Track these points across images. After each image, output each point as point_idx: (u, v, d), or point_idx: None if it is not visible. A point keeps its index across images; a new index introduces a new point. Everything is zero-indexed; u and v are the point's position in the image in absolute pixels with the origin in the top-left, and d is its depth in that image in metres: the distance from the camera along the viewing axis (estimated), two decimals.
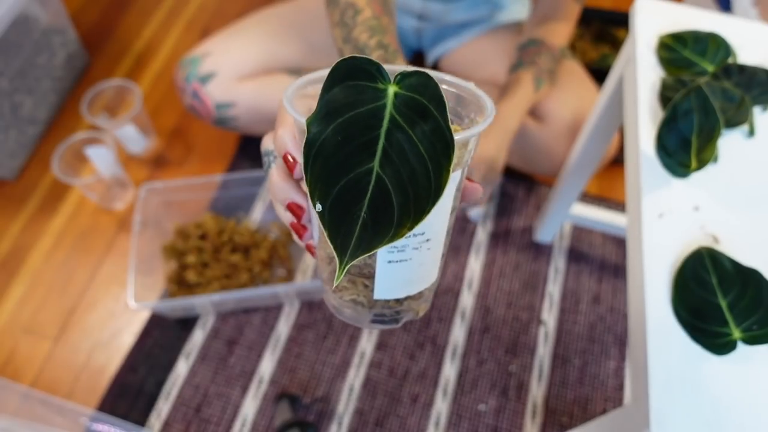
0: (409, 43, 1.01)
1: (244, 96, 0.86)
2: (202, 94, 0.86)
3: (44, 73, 1.04)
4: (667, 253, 0.42)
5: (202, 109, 0.88)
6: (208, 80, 0.85)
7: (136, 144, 1.00)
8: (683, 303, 0.39)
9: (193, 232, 0.89)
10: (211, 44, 0.88)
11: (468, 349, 0.84)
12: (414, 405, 0.80)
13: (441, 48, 0.97)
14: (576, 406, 0.80)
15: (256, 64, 0.87)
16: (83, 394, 0.81)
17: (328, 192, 0.23)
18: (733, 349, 0.38)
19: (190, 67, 0.86)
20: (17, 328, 0.85)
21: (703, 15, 0.55)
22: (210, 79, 0.85)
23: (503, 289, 0.89)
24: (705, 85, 0.45)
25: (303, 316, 0.86)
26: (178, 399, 0.80)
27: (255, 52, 0.87)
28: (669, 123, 0.45)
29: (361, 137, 0.22)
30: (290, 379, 0.81)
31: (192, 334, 0.85)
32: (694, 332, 0.39)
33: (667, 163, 0.45)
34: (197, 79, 0.85)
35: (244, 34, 0.88)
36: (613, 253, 0.93)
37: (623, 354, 0.84)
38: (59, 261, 0.92)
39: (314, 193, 0.23)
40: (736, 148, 0.47)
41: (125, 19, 1.22)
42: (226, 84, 0.85)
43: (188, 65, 0.87)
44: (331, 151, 0.22)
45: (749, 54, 0.52)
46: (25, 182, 1.00)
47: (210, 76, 0.85)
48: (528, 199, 0.98)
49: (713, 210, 0.44)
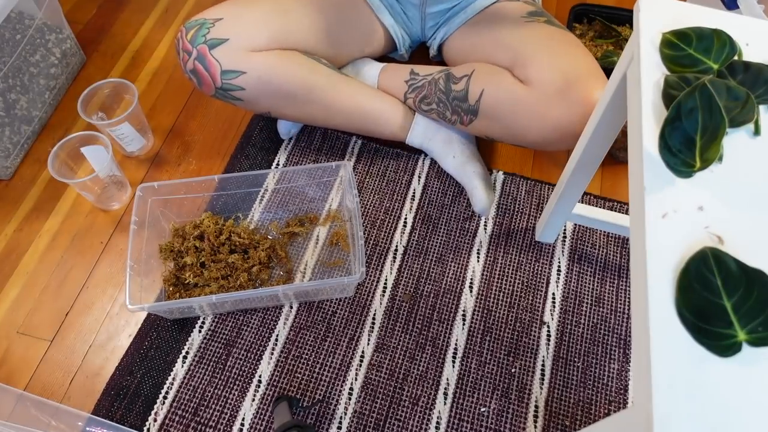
0: (413, 31, 1.01)
1: (256, 66, 0.83)
2: (209, 59, 0.82)
3: (39, 71, 1.03)
4: (671, 253, 0.41)
5: (204, 75, 0.83)
6: (217, 45, 0.81)
7: (133, 143, 0.99)
8: (687, 304, 0.39)
9: (190, 232, 0.88)
10: (222, 10, 0.83)
11: (469, 351, 0.83)
12: (414, 407, 0.79)
13: (443, 30, 0.97)
14: (578, 408, 0.79)
15: (269, 39, 0.84)
16: (79, 396, 0.80)
17: None
18: (738, 350, 0.37)
19: (198, 29, 0.82)
20: (11, 330, 0.84)
21: (708, 12, 0.54)
22: (219, 45, 0.81)
23: (504, 290, 0.88)
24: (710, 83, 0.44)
25: (302, 317, 0.86)
26: (175, 401, 0.79)
27: (269, 26, 0.84)
28: (673, 122, 0.44)
29: None
30: (289, 381, 0.81)
31: (189, 336, 0.84)
32: (698, 334, 0.38)
33: (670, 162, 0.44)
34: (205, 43, 0.81)
35: (258, 6, 0.85)
36: (616, 253, 0.92)
37: (626, 356, 0.83)
38: (54, 262, 0.91)
39: None
40: (741, 147, 0.47)
41: (121, 17, 1.21)
42: (237, 52, 0.82)
43: (196, 27, 0.82)
44: None
45: (755, 51, 0.51)
46: (20, 182, 0.99)
47: (220, 42, 0.81)
48: (529, 199, 0.97)
49: (718, 210, 0.43)
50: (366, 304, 0.87)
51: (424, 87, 0.91)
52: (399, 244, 0.92)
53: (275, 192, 0.97)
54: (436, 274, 0.89)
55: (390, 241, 0.92)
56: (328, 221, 0.94)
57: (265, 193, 0.97)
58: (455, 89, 0.86)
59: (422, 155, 1.01)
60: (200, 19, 0.83)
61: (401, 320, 0.85)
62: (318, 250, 0.91)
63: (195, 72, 0.84)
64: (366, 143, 1.03)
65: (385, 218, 0.95)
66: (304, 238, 0.92)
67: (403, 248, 0.92)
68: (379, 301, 0.87)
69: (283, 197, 0.96)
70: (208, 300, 0.77)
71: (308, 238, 0.92)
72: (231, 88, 0.85)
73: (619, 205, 0.97)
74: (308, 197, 0.96)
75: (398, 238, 0.93)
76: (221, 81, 0.83)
